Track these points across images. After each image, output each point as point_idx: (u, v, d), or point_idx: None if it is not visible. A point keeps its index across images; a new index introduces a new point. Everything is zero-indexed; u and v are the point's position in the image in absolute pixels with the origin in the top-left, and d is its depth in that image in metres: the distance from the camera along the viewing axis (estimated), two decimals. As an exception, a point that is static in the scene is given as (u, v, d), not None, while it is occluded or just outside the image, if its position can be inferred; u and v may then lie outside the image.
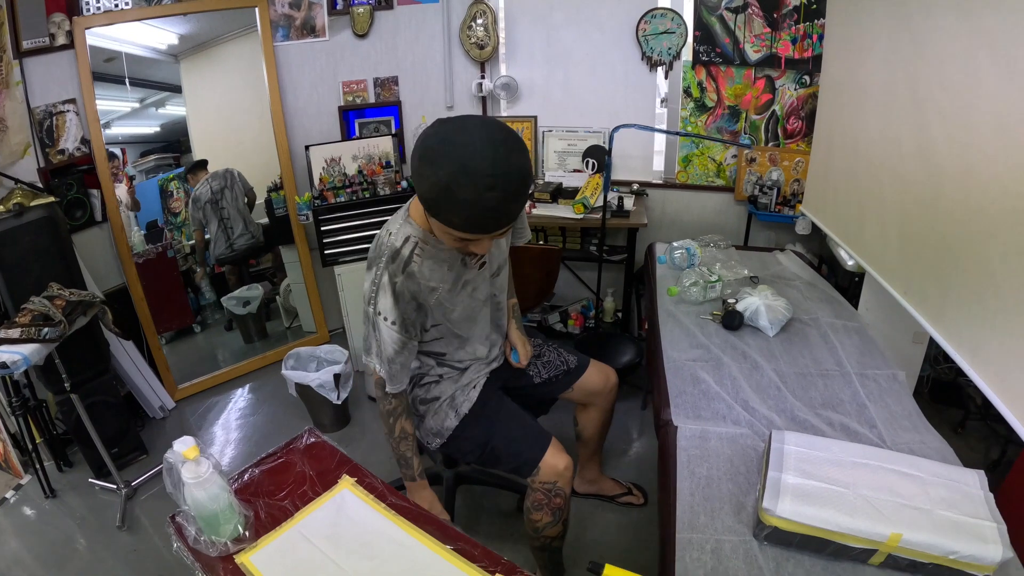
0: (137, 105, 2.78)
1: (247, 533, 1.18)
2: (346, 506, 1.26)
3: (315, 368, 2.65)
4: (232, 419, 2.80)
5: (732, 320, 1.97)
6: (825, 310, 2.07)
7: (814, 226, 2.67)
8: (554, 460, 1.53)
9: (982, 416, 2.20)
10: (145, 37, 2.68)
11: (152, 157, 2.86)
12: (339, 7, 2.85)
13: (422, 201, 1.15)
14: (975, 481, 1.21)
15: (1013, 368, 1.35)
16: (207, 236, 3.02)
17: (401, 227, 1.35)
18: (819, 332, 1.94)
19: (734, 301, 2.03)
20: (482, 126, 1.11)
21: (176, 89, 2.84)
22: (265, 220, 3.18)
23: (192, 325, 3.16)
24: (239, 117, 3.07)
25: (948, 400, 2.22)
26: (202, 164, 2.91)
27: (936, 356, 2.33)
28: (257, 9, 2.69)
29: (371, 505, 1.25)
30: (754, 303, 1.98)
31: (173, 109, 2.89)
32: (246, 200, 3.07)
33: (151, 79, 2.82)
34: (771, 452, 1.29)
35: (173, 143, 2.90)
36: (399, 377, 1.42)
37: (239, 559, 1.14)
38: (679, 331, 1.99)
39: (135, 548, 2.06)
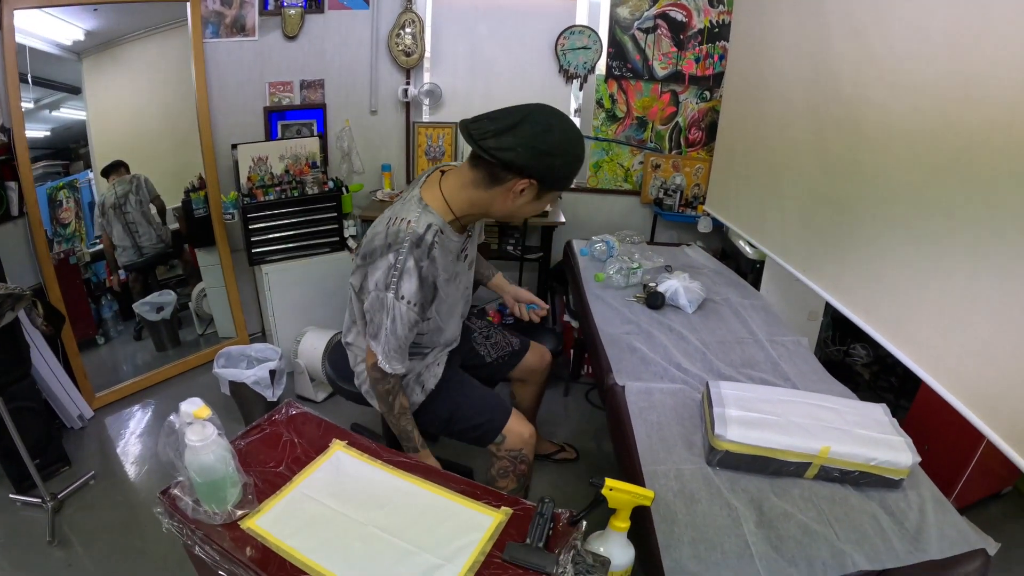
0: (31, 106, 2.56)
1: (251, 497, 1.18)
2: (344, 465, 1.31)
3: (247, 366, 2.61)
4: (159, 427, 2.64)
5: (655, 300, 2.22)
6: (733, 292, 2.39)
7: (714, 225, 3.04)
8: (519, 428, 1.66)
9: (871, 387, 2.59)
10: (49, 31, 2.51)
11: (40, 164, 2.63)
12: (269, 8, 2.85)
13: (546, 179, 1.37)
14: (880, 411, 1.50)
15: (902, 319, 1.67)
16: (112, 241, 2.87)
17: (422, 215, 1.40)
18: (731, 309, 2.24)
19: (655, 284, 2.29)
20: (570, 122, 1.40)
21: (74, 90, 2.67)
22: (176, 226, 3.07)
23: (95, 336, 2.97)
24: (150, 118, 2.94)
25: (838, 378, 2.59)
26: (120, 164, 2.78)
27: (825, 339, 2.71)
28: (189, 4, 2.63)
29: (368, 462, 1.32)
30: (673, 285, 2.25)
31: (68, 112, 2.69)
32: (152, 207, 2.95)
33: (50, 78, 2.63)
34: (711, 396, 1.52)
35: (63, 149, 2.70)
36: (403, 357, 1.49)
37: (245, 524, 1.13)
38: (609, 311, 2.21)
39: (69, 563, 1.93)
